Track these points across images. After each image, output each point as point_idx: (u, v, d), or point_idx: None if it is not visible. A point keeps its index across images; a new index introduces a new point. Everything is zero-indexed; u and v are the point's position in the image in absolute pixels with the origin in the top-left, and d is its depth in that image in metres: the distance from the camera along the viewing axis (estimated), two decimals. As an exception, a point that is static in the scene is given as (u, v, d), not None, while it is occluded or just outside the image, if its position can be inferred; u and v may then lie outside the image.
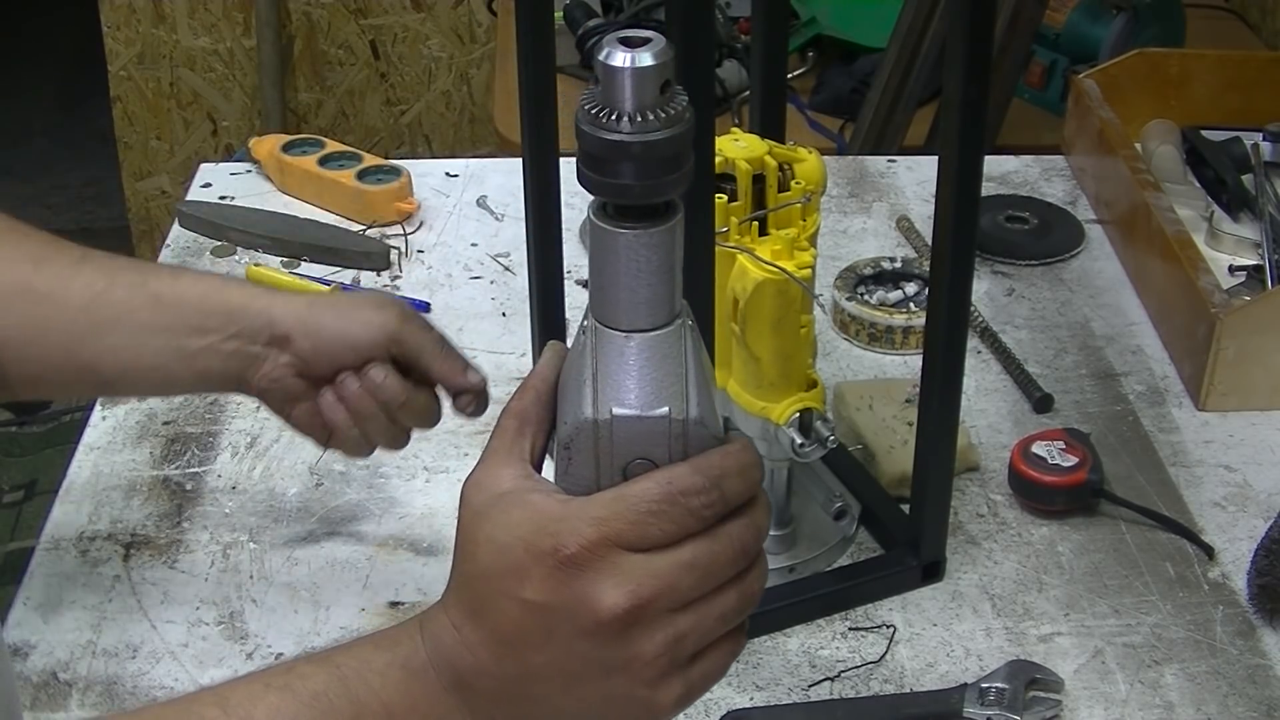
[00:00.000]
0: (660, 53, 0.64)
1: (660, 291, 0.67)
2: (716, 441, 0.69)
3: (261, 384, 1.04)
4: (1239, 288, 1.53)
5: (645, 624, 0.67)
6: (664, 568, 0.67)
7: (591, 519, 0.66)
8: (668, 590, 0.67)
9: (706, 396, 0.69)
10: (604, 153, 0.64)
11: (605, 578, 0.66)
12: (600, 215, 0.66)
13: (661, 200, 0.66)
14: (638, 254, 0.66)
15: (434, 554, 1.23)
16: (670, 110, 0.64)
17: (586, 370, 0.68)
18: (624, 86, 0.63)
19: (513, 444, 0.71)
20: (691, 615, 0.68)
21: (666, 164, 0.65)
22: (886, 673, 1.13)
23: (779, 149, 1.16)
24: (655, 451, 0.68)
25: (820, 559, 1.22)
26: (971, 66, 1.02)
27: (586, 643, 0.67)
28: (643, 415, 0.68)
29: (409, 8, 3.14)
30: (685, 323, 0.69)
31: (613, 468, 0.69)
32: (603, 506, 0.67)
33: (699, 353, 0.69)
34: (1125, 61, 1.81)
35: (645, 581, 0.66)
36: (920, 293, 1.52)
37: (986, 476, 1.31)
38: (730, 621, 0.70)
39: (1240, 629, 1.17)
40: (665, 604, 0.67)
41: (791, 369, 1.12)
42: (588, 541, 0.66)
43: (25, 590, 1.19)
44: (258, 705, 0.69)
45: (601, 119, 0.64)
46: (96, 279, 1.02)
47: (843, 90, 2.32)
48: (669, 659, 0.68)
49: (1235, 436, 1.37)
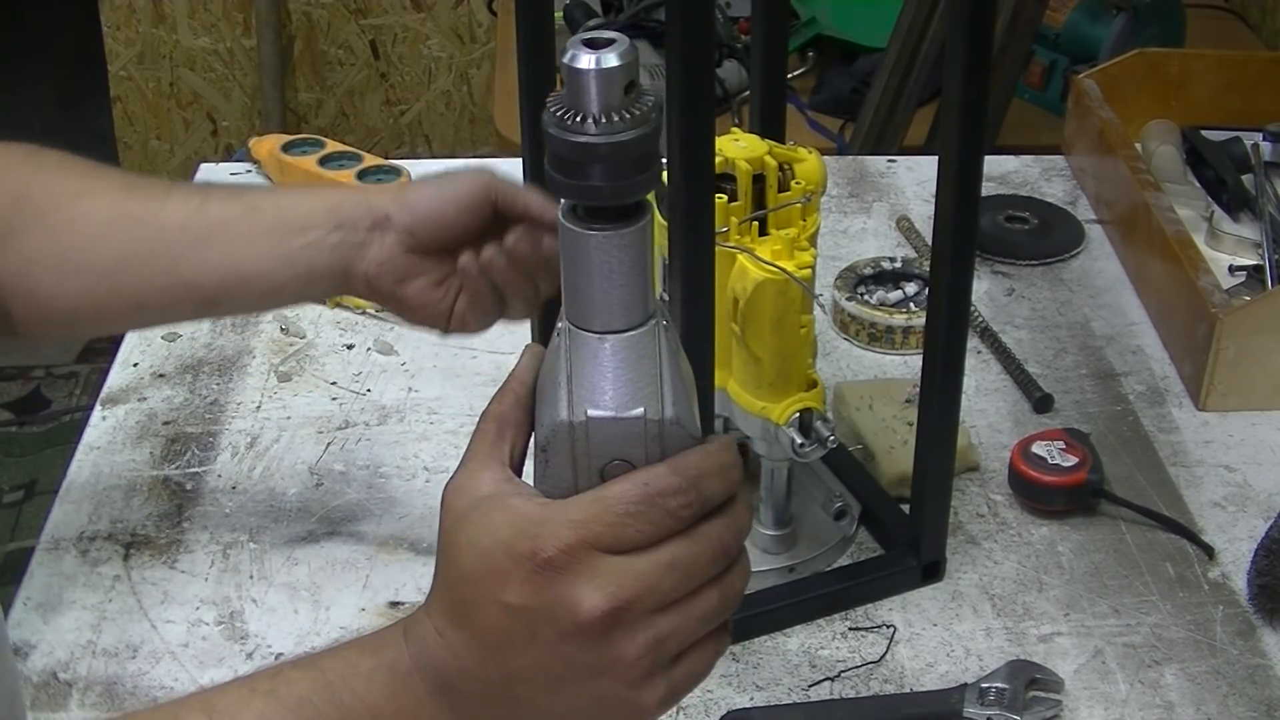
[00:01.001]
0: (624, 53, 0.64)
1: (633, 292, 0.67)
2: (694, 441, 0.69)
3: (370, 270, 1.02)
4: (1239, 288, 1.53)
5: (626, 625, 0.67)
6: (644, 569, 0.67)
7: (570, 522, 0.66)
8: (648, 591, 0.67)
9: (683, 396, 0.68)
10: (572, 155, 0.64)
11: (585, 580, 0.66)
12: (570, 217, 0.67)
13: (631, 201, 0.66)
14: (609, 255, 0.66)
15: (434, 554, 1.22)
16: (637, 110, 0.64)
17: (561, 373, 0.68)
18: (589, 88, 0.63)
19: (492, 447, 0.71)
20: (673, 616, 0.68)
21: (635, 164, 0.65)
22: (886, 673, 1.13)
23: (779, 149, 1.16)
24: (632, 452, 0.68)
25: (820, 559, 1.22)
26: (971, 66, 1.02)
27: (568, 645, 0.67)
28: (618, 416, 0.67)
29: (409, 8, 3.15)
30: (660, 323, 0.69)
31: (590, 469, 0.69)
32: (581, 509, 0.67)
33: (675, 353, 0.69)
34: (1125, 61, 1.81)
35: (625, 583, 0.66)
36: (920, 293, 1.52)
37: (986, 476, 1.31)
38: (712, 621, 0.70)
39: (1240, 629, 1.17)
40: (646, 605, 0.67)
41: (791, 369, 1.12)
42: (566, 544, 0.66)
43: (25, 590, 1.19)
44: (243, 711, 0.69)
45: (568, 121, 0.64)
46: (190, 198, 1.01)
47: (843, 90, 2.32)
48: (651, 660, 0.68)
49: (1235, 436, 1.37)
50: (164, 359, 1.45)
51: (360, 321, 1.51)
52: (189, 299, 1.04)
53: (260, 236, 1.01)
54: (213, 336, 1.48)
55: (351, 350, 1.47)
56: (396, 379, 1.43)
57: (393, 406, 1.39)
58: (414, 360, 1.46)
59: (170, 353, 1.46)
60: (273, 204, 1.03)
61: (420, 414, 1.38)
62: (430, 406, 1.39)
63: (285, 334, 1.48)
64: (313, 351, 1.46)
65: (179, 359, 1.45)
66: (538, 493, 0.69)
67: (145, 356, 1.45)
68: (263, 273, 1.01)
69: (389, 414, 1.38)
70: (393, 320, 1.51)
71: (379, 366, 1.45)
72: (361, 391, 1.41)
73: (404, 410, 1.39)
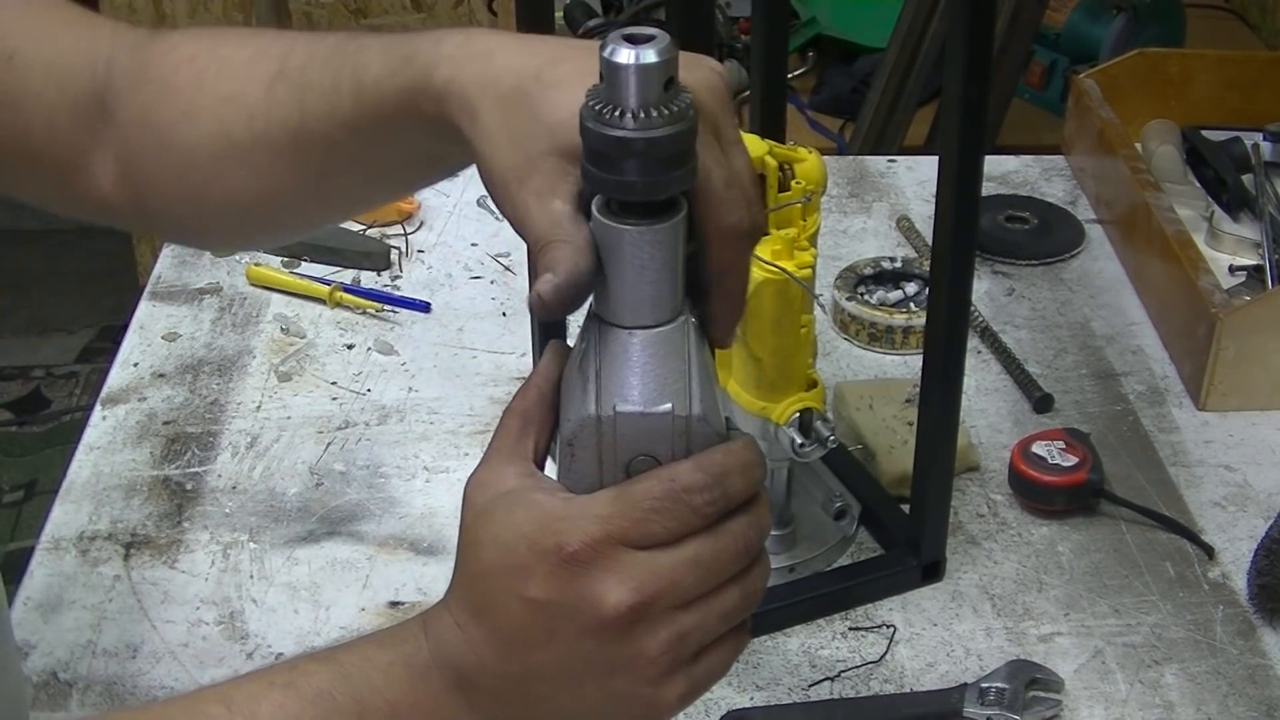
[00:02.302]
0: (664, 50, 0.64)
1: (663, 288, 0.67)
2: (719, 439, 0.69)
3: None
4: (1239, 288, 1.53)
5: (649, 622, 0.67)
6: (667, 565, 0.67)
7: (595, 517, 0.66)
8: (670, 588, 0.67)
9: (710, 393, 0.69)
10: (608, 149, 0.64)
11: (608, 575, 0.66)
12: (604, 212, 0.67)
13: (665, 197, 0.66)
14: (641, 251, 0.66)
15: (434, 554, 1.23)
16: (674, 107, 0.64)
17: (590, 367, 0.68)
18: (628, 83, 0.64)
19: (516, 443, 0.71)
20: (695, 613, 0.68)
21: (670, 161, 0.65)
22: (886, 673, 1.13)
23: (779, 149, 1.16)
24: (658, 448, 0.68)
25: (820, 559, 1.22)
26: (971, 66, 1.02)
27: (590, 641, 0.67)
28: (646, 412, 0.68)
29: (409, 8, 3.15)
30: (688, 319, 0.69)
31: (616, 465, 0.69)
32: (605, 504, 0.67)
33: (702, 350, 0.69)
34: (1125, 61, 1.81)
35: (648, 579, 0.66)
36: (920, 293, 1.52)
37: (986, 476, 1.31)
38: (733, 619, 0.70)
39: (1240, 629, 1.17)
40: (668, 601, 0.67)
41: (791, 369, 1.12)
42: (591, 539, 0.66)
43: (25, 590, 1.19)
44: (261, 703, 0.69)
45: (605, 115, 0.64)
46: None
47: (843, 90, 2.33)
48: (672, 657, 0.68)
49: (1235, 436, 1.37)
50: (164, 359, 1.45)
51: (360, 321, 1.51)
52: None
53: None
54: (213, 336, 1.48)
55: (351, 350, 1.47)
56: (396, 379, 1.43)
57: (393, 406, 1.39)
58: (414, 360, 1.46)
59: (170, 353, 1.46)
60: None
61: (420, 414, 1.38)
62: (430, 406, 1.39)
63: (285, 334, 1.48)
64: (313, 351, 1.46)
65: (179, 359, 1.45)
66: (561, 488, 0.69)
67: (145, 356, 1.45)
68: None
69: (389, 414, 1.38)
70: (393, 320, 1.51)
71: (379, 366, 1.45)
72: (361, 391, 1.41)
73: (404, 410, 1.39)
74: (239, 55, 0.86)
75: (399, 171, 0.85)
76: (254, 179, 0.86)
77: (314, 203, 0.89)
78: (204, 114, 0.85)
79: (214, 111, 0.85)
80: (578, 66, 0.70)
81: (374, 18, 3.14)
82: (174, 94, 0.87)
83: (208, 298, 1.53)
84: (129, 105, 0.88)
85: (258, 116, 0.83)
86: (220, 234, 0.98)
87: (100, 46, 0.90)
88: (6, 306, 3.43)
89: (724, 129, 0.70)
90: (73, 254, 3.53)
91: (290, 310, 1.52)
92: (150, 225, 0.95)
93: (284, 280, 1.55)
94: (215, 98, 0.85)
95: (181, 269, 1.58)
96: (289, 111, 0.82)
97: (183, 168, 0.87)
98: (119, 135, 0.89)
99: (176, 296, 1.54)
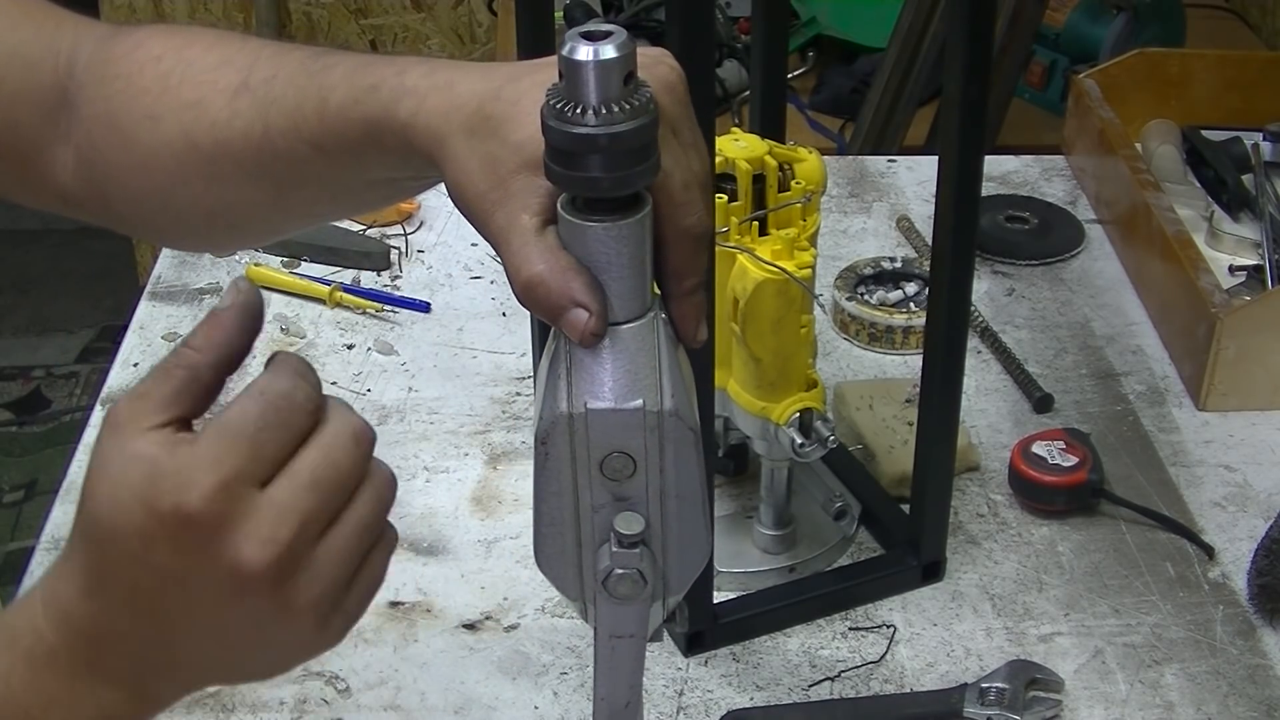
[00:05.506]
0: (622, 45, 0.64)
1: (631, 284, 0.67)
2: (693, 433, 0.69)
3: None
4: (1239, 288, 1.53)
5: (293, 570, 0.63)
6: (290, 500, 0.63)
7: (207, 463, 0.63)
8: (302, 523, 0.63)
9: (681, 388, 0.69)
10: (571, 146, 0.64)
11: (237, 533, 0.62)
12: (569, 210, 0.67)
13: (630, 192, 0.66)
14: (608, 247, 0.67)
15: (434, 554, 1.23)
16: (635, 102, 0.64)
17: (561, 365, 0.68)
18: (588, 80, 0.64)
19: (166, 390, 0.67)
20: (334, 539, 0.65)
21: (633, 155, 0.65)
22: (886, 673, 1.13)
23: (779, 149, 1.16)
24: (631, 444, 0.68)
25: (820, 559, 1.22)
26: (971, 66, 1.02)
27: (235, 603, 0.64)
28: (617, 408, 0.67)
29: (409, 8, 3.14)
30: (658, 315, 0.69)
31: (589, 462, 0.69)
32: (214, 444, 0.63)
33: (673, 345, 0.69)
34: (1125, 61, 1.81)
35: (278, 524, 0.63)
36: (920, 293, 1.52)
37: (986, 476, 1.31)
38: (373, 528, 0.67)
39: (1240, 629, 1.17)
40: (306, 537, 0.64)
41: (791, 369, 1.12)
42: (209, 490, 0.62)
43: (25, 590, 1.19)
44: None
45: (567, 113, 0.64)
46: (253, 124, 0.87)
47: (843, 90, 2.32)
48: (328, 599, 0.65)
49: (1235, 436, 1.37)
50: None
51: (360, 321, 1.51)
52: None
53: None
54: (213, 336, 1.48)
55: (351, 350, 1.47)
56: (396, 379, 1.43)
57: (393, 406, 1.39)
58: (414, 360, 1.46)
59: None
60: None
61: (420, 414, 1.38)
62: (430, 406, 1.39)
63: (285, 334, 1.48)
64: (313, 351, 1.46)
65: (179, 359, 1.45)
66: (190, 435, 0.65)
67: (145, 356, 1.45)
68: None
69: (389, 414, 1.38)
70: (393, 320, 1.51)
71: (379, 366, 1.45)
72: (361, 392, 1.41)
73: (404, 410, 1.39)
74: (204, 60, 0.86)
75: (362, 192, 0.85)
76: (217, 186, 0.86)
77: (278, 214, 0.89)
78: (168, 117, 0.85)
79: (178, 116, 0.85)
80: (535, 80, 0.70)
81: (374, 17, 3.15)
82: (139, 94, 0.86)
83: (208, 298, 1.53)
84: (92, 100, 0.88)
85: (220, 125, 0.83)
86: (187, 235, 0.98)
87: (63, 38, 0.90)
88: (6, 306, 3.43)
89: (681, 130, 0.70)
90: (73, 254, 3.53)
91: (290, 310, 1.52)
92: (119, 223, 0.94)
93: (284, 280, 1.55)
94: (180, 103, 0.85)
95: (181, 269, 1.58)
96: (251, 124, 0.82)
97: (148, 168, 0.87)
98: (82, 129, 0.88)
99: (177, 296, 1.54)
